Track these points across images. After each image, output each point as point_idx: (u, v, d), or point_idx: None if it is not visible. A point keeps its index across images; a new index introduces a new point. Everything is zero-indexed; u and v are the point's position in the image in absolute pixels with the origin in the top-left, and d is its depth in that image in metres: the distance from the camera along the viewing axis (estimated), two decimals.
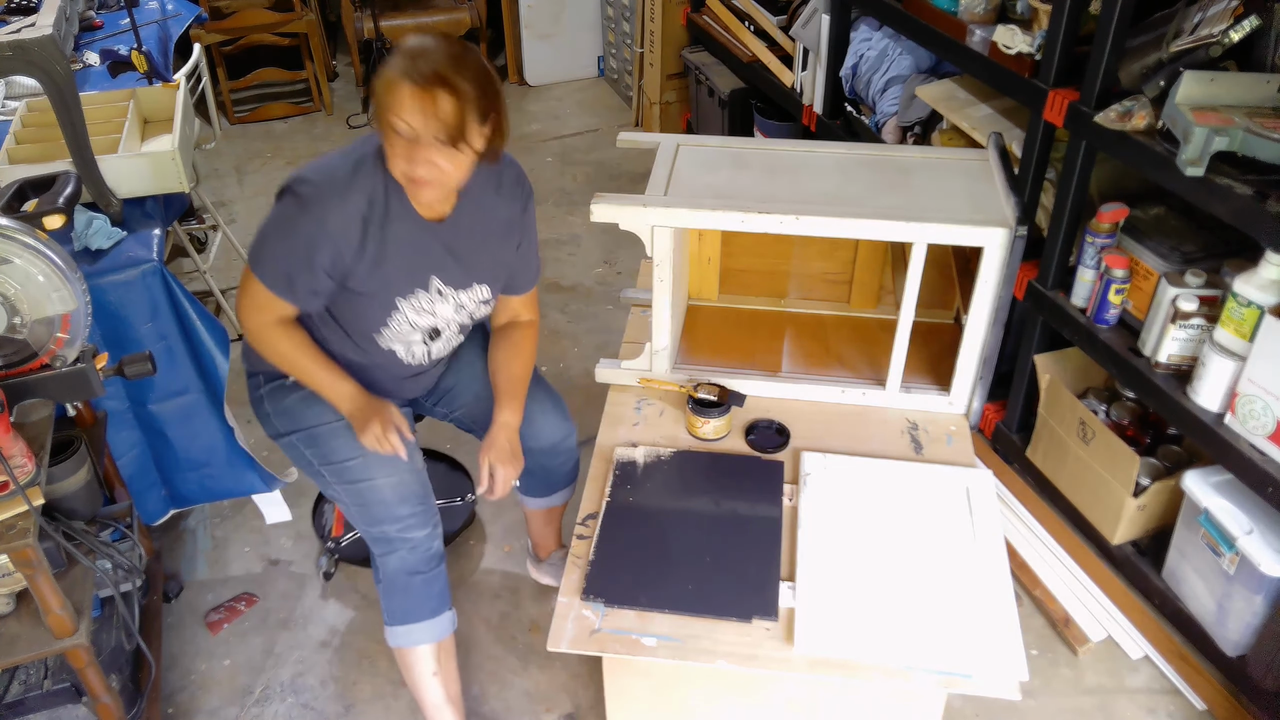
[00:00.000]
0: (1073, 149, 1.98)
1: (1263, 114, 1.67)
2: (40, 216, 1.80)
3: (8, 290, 1.47)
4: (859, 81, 2.82)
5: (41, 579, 1.51)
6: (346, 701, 2.08)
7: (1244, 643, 1.89)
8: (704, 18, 3.75)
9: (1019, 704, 2.01)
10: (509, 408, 1.77)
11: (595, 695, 2.05)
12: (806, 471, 1.73)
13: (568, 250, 3.59)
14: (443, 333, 1.73)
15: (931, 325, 2.06)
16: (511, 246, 1.74)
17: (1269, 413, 1.70)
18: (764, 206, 1.72)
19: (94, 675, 1.66)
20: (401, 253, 1.58)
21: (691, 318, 2.13)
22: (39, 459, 1.51)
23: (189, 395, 2.13)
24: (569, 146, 4.35)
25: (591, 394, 2.85)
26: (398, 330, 1.67)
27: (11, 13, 2.96)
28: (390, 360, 1.73)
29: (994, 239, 1.65)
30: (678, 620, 1.49)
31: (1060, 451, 2.21)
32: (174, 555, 2.42)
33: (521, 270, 1.79)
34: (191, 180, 2.21)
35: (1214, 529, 1.86)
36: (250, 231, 3.73)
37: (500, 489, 1.73)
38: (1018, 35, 2.05)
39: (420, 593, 1.76)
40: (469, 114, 1.42)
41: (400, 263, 1.59)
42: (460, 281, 1.68)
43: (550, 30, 4.78)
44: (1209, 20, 1.71)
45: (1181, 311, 1.83)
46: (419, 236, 1.59)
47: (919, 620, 1.47)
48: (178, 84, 2.50)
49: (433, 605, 1.78)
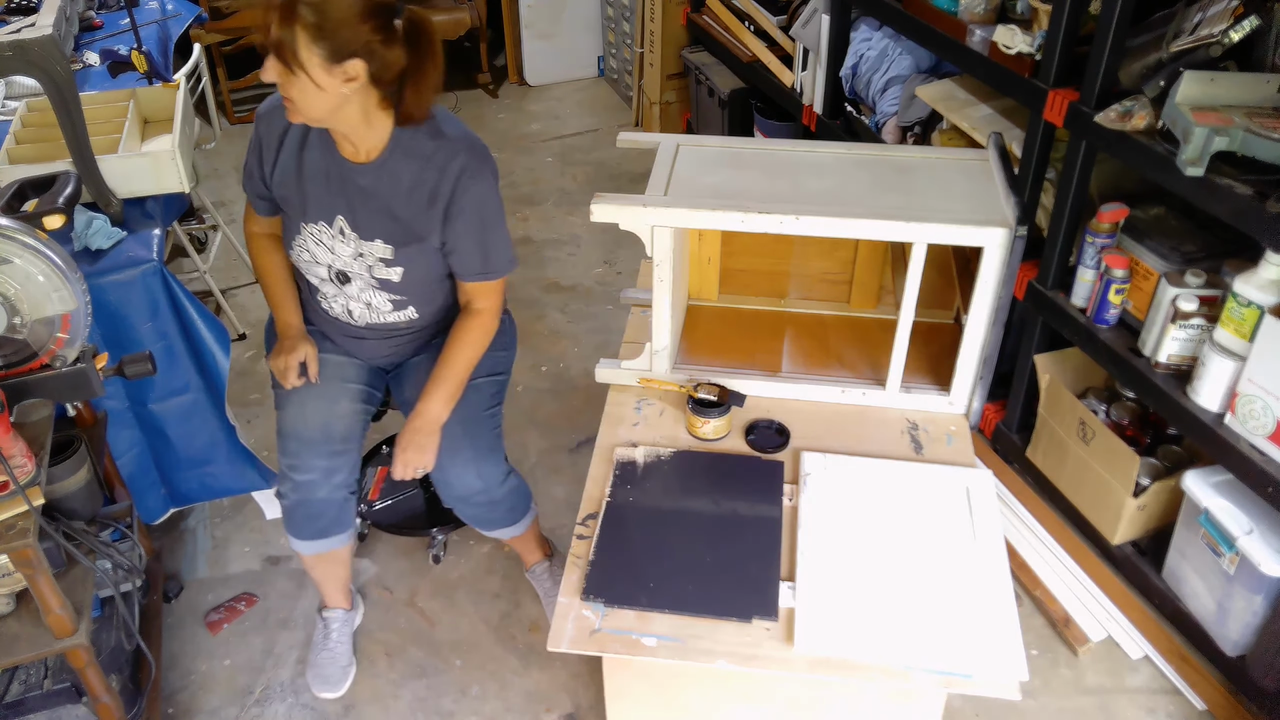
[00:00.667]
0: (1073, 149, 1.98)
1: (1263, 114, 1.67)
2: (40, 216, 1.80)
3: (8, 290, 1.47)
4: (859, 81, 2.82)
5: (41, 579, 1.51)
6: (346, 701, 2.08)
7: (1244, 643, 1.89)
8: (704, 18, 3.75)
9: (1019, 704, 2.01)
10: (431, 397, 1.81)
11: (595, 695, 2.05)
12: (806, 471, 1.73)
13: (568, 250, 3.59)
14: (352, 280, 1.80)
15: (931, 325, 2.06)
16: (427, 219, 1.73)
17: (1269, 413, 1.70)
18: (764, 206, 1.71)
19: (94, 675, 1.66)
20: (311, 178, 1.74)
21: (691, 318, 2.13)
22: (39, 459, 1.51)
23: (189, 394, 2.14)
24: (569, 146, 4.35)
25: (591, 394, 2.85)
26: (302, 258, 1.81)
27: (11, 13, 2.96)
28: (318, 306, 1.89)
29: (994, 239, 1.65)
30: (678, 620, 1.49)
31: (1060, 451, 2.21)
32: (174, 555, 2.42)
33: (462, 254, 1.77)
34: (191, 180, 2.21)
35: (1214, 529, 1.86)
36: None
37: (398, 474, 1.80)
38: (1018, 35, 2.05)
39: (298, 520, 1.91)
40: (284, 24, 1.49)
41: (308, 187, 1.74)
42: (363, 230, 1.74)
43: (550, 30, 4.78)
44: (1209, 20, 1.71)
45: (1181, 311, 1.83)
46: (332, 169, 1.72)
47: (919, 620, 1.47)
48: (178, 84, 2.50)
49: (313, 530, 1.92)
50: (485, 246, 1.78)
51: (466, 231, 1.74)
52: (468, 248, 1.77)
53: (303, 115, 1.61)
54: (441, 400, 1.81)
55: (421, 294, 1.84)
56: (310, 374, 1.87)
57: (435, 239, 1.75)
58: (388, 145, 1.69)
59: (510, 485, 1.95)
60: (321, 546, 1.96)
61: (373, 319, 1.87)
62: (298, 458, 1.86)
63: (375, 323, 1.88)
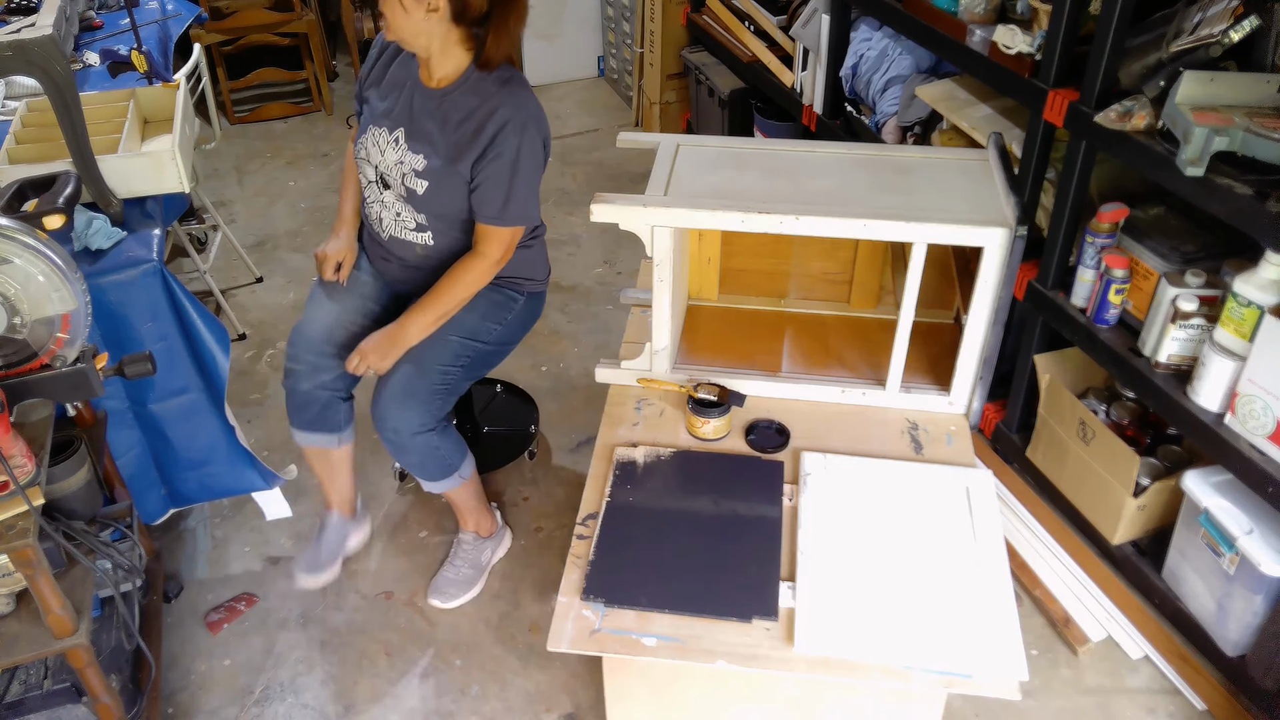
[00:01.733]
0: (1073, 149, 1.98)
1: (1263, 114, 1.67)
2: (40, 216, 1.80)
3: (8, 290, 1.47)
4: (859, 81, 2.82)
5: (41, 579, 1.51)
6: (346, 701, 2.08)
7: (1244, 643, 1.89)
8: (704, 18, 3.75)
9: (1019, 704, 2.01)
10: (409, 316, 1.96)
11: (595, 695, 2.05)
12: (806, 471, 1.73)
13: (568, 250, 3.59)
14: (390, 187, 1.95)
15: (931, 325, 2.06)
16: (466, 150, 1.86)
17: (1269, 413, 1.70)
18: (764, 206, 1.72)
19: (94, 675, 1.66)
20: (390, 88, 1.96)
21: (691, 318, 2.13)
22: (39, 459, 1.51)
23: (189, 395, 2.13)
24: (569, 146, 4.35)
25: (591, 394, 2.85)
26: (359, 154, 2.00)
27: (11, 13, 2.96)
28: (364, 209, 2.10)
29: (994, 239, 1.65)
30: (678, 620, 1.49)
31: (1060, 451, 2.21)
32: (174, 555, 2.42)
33: (484, 192, 1.88)
34: (191, 180, 2.21)
35: (1214, 529, 1.86)
36: (250, 231, 3.76)
37: (350, 364, 1.97)
38: (1018, 35, 2.05)
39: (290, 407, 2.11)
40: None
41: (386, 95, 1.96)
42: (411, 143, 1.91)
43: (550, 30, 4.78)
44: (1209, 20, 1.71)
45: (1181, 311, 1.83)
46: (407, 86, 1.93)
47: (919, 620, 1.47)
48: (178, 84, 2.50)
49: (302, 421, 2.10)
50: (509, 192, 1.88)
51: (496, 173, 1.86)
52: (491, 188, 1.87)
53: (392, 33, 1.81)
54: (417, 323, 1.95)
55: (440, 222, 1.96)
56: (341, 275, 2.10)
57: (465, 170, 1.87)
58: (458, 79, 1.87)
59: (424, 442, 2.00)
60: (313, 440, 2.12)
61: (396, 232, 2.01)
62: (294, 347, 2.07)
63: (398, 237, 2.01)
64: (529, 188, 1.89)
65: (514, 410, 2.75)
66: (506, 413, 2.74)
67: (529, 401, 2.76)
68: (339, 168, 4.17)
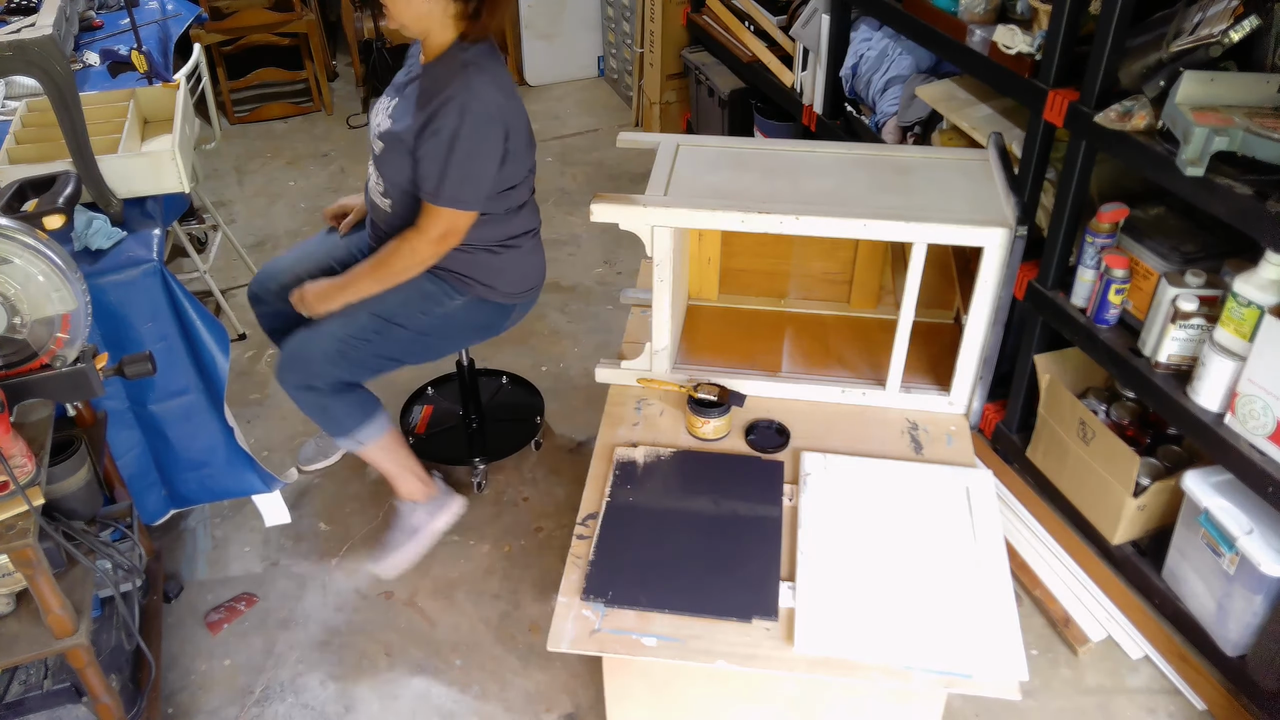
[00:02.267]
0: (1073, 149, 1.98)
1: (1263, 114, 1.67)
2: (40, 216, 1.80)
3: (8, 290, 1.47)
4: (859, 81, 2.82)
5: (41, 579, 1.51)
6: (346, 701, 2.08)
7: (1244, 643, 1.89)
8: (704, 18, 3.75)
9: (1019, 704, 2.01)
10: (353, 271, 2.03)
11: (595, 695, 2.05)
12: (806, 471, 1.73)
13: (568, 250, 3.59)
14: (374, 151, 2.01)
15: (931, 325, 2.06)
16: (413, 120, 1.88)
17: (1269, 413, 1.70)
18: (764, 206, 1.72)
19: (94, 675, 1.66)
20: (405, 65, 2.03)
21: (691, 318, 2.13)
22: (39, 459, 1.51)
23: (189, 395, 2.13)
24: (569, 146, 4.35)
25: (591, 394, 2.85)
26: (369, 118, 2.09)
27: (11, 13, 2.96)
28: None
29: (994, 239, 1.65)
30: (678, 620, 1.49)
31: (1060, 451, 2.21)
32: (174, 555, 2.42)
33: (422, 167, 1.89)
34: (191, 180, 2.21)
35: (1214, 529, 1.86)
36: (250, 231, 3.76)
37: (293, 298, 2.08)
38: (1018, 35, 2.05)
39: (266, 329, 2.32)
40: None
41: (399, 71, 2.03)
42: (394, 108, 1.95)
43: (550, 30, 4.78)
44: (1209, 20, 1.71)
45: (1181, 311, 1.83)
46: (412, 64, 1.99)
47: (919, 620, 1.47)
48: (178, 84, 2.50)
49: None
50: (443, 170, 1.85)
51: (433, 150, 1.85)
52: (429, 164, 1.87)
53: (393, 20, 1.84)
54: (356, 282, 2.01)
55: (394, 189, 1.98)
56: (340, 226, 2.26)
57: (410, 140, 1.89)
58: (441, 54, 1.89)
59: (309, 400, 2.08)
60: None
61: (373, 194, 2.06)
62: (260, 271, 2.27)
63: (372, 200, 2.07)
64: (464, 171, 1.85)
65: (520, 401, 2.77)
66: (513, 403, 2.76)
67: (535, 393, 2.78)
68: (339, 168, 4.17)
